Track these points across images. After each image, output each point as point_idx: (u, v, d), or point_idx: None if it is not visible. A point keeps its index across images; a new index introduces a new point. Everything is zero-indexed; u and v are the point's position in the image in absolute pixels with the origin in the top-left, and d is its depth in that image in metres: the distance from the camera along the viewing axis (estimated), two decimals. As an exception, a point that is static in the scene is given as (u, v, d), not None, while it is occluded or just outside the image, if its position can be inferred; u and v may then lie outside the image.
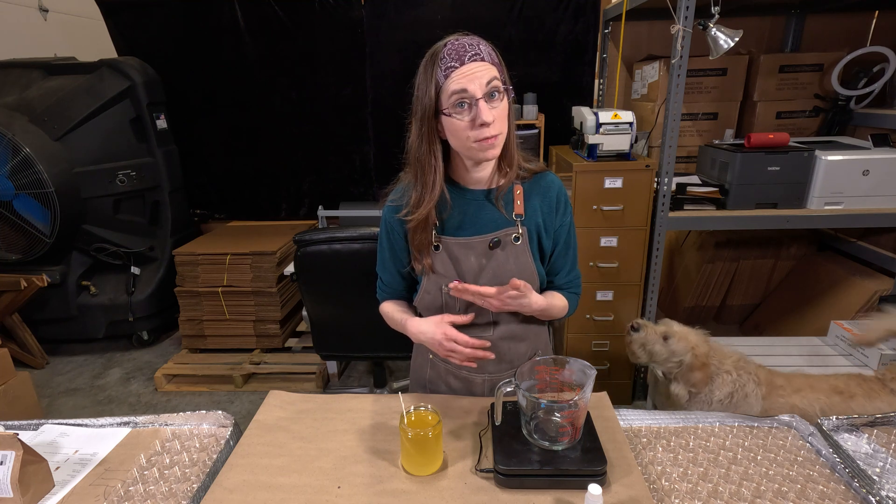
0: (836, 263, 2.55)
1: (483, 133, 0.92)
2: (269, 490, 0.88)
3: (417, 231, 1.03)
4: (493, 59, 0.94)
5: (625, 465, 0.90)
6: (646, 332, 1.68)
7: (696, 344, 1.61)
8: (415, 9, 2.93)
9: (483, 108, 0.90)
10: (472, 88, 0.90)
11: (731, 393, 1.57)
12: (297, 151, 3.30)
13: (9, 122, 2.61)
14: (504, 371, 1.14)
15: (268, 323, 2.89)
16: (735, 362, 1.62)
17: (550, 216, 1.08)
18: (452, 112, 0.92)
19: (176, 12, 3.04)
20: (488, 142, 0.93)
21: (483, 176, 1.05)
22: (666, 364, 1.65)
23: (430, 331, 1.03)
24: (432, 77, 0.92)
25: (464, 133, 0.93)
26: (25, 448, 0.86)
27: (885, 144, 2.11)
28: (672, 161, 2.03)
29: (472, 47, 0.91)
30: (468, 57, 0.90)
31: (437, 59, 0.92)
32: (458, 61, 0.90)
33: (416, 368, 1.24)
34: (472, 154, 0.97)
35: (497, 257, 1.04)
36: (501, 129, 0.95)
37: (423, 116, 0.95)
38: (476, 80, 0.90)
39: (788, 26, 2.71)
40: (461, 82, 0.90)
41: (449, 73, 0.90)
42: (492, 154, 0.96)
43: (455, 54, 0.90)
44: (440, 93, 0.92)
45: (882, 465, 0.91)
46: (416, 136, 0.98)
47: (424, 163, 0.98)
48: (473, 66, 0.90)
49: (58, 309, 3.00)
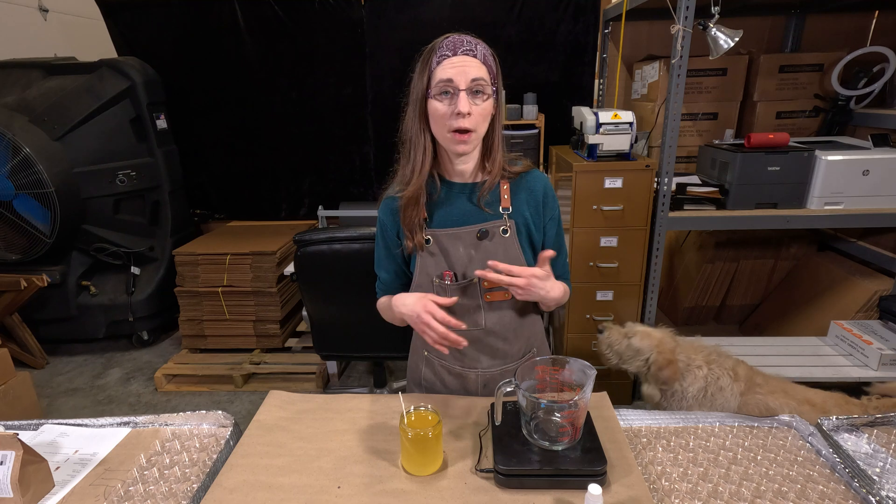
0: (836, 263, 2.55)
1: (458, 123, 0.96)
2: (269, 490, 0.88)
3: (409, 207, 1.05)
4: (486, 60, 0.98)
5: (625, 465, 0.90)
6: (610, 333, 1.70)
7: (661, 340, 1.62)
8: (415, 9, 2.93)
9: (463, 98, 0.95)
10: (457, 79, 0.95)
11: (705, 387, 1.58)
12: (297, 151, 3.30)
13: (9, 122, 2.61)
14: (497, 366, 1.14)
15: (268, 323, 2.89)
16: (706, 356, 1.62)
17: (537, 210, 1.10)
18: (437, 97, 0.97)
19: (176, 12, 3.03)
20: (461, 136, 0.97)
21: (465, 169, 1.08)
22: (633, 363, 1.66)
23: (411, 303, 1.02)
24: (427, 63, 0.98)
25: (442, 120, 0.98)
26: (25, 448, 0.86)
27: (885, 144, 2.11)
28: (672, 161, 2.03)
29: (469, 43, 0.97)
30: (461, 50, 0.96)
31: (435, 48, 0.98)
32: (452, 51, 0.96)
33: (412, 367, 1.25)
34: (447, 144, 1.02)
35: (486, 248, 1.06)
36: (477, 126, 0.98)
37: (415, 98, 1.01)
38: (463, 73, 0.95)
39: (788, 26, 2.71)
40: (448, 71, 0.95)
41: (441, 60, 0.96)
42: (462, 149, 1.00)
43: (451, 45, 0.97)
44: (431, 77, 0.98)
45: (882, 465, 0.91)
46: (409, 118, 1.04)
47: (415, 141, 1.03)
48: (464, 59, 0.95)
49: (58, 309, 3.00)
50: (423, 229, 1.06)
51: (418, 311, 0.99)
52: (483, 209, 1.07)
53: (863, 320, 2.20)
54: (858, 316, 2.30)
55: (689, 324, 2.96)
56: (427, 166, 1.04)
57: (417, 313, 0.99)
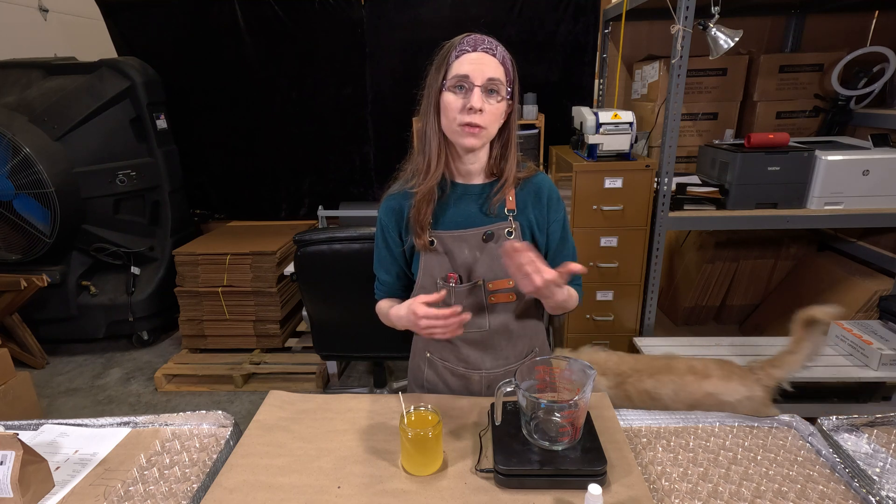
0: (836, 263, 2.55)
1: (469, 118, 0.96)
2: (269, 490, 0.88)
3: (423, 204, 1.04)
4: (505, 62, 0.98)
5: (625, 465, 0.90)
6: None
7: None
8: (415, 9, 2.92)
9: (476, 94, 0.95)
10: (473, 75, 0.95)
11: None
12: (297, 151, 3.30)
13: (9, 122, 2.61)
14: (501, 367, 1.14)
15: (268, 323, 2.89)
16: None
17: (542, 213, 1.09)
18: (451, 89, 0.97)
19: (176, 12, 3.03)
20: (471, 129, 0.97)
21: (473, 170, 1.07)
22: None
23: (404, 314, 1.03)
24: (445, 58, 0.98)
25: (453, 113, 0.97)
26: (25, 448, 0.86)
27: (885, 144, 2.11)
28: (672, 161, 2.03)
29: (489, 43, 0.98)
30: (481, 47, 0.96)
31: (455, 44, 0.98)
32: (472, 47, 0.96)
33: (414, 368, 1.25)
34: (454, 137, 1.01)
35: (491, 250, 1.05)
36: (489, 124, 0.98)
37: (430, 93, 1.01)
38: (480, 70, 0.95)
39: (788, 26, 2.71)
40: (466, 67, 0.95)
41: (460, 55, 0.97)
42: (470, 143, 0.99)
43: (472, 42, 0.97)
44: (448, 71, 0.98)
45: (882, 465, 0.91)
46: (423, 111, 1.03)
47: (430, 135, 1.03)
48: (483, 57, 0.96)
49: (58, 309, 3.00)
50: (428, 231, 1.06)
51: (414, 321, 1.00)
52: (488, 211, 1.07)
53: (863, 320, 2.20)
54: (858, 316, 2.30)
55: (688, 324, 2.95)
56: (443, 158, 1.04)
57: (414, 322, 1.00)
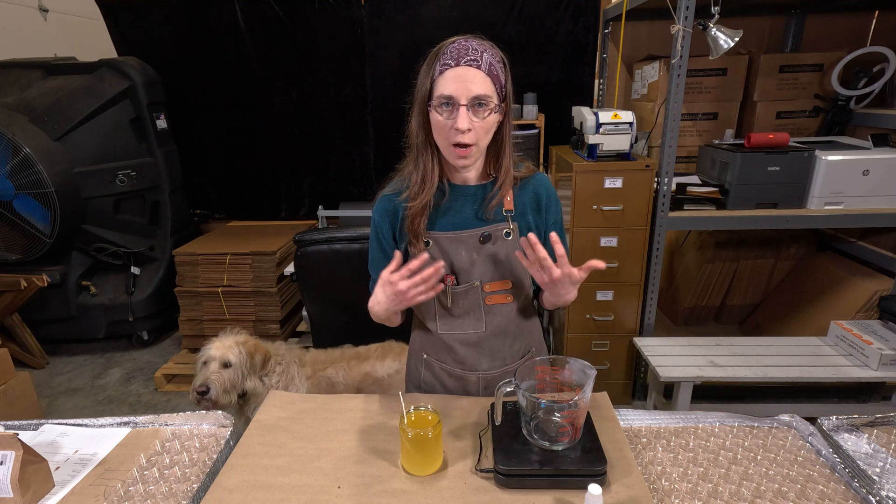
0: (836, 263, 2.55)
1: (458, 138, 0.93)
2: (269, 490, 0.88)
3: (416, 217, 1.03)
4: (492, 70, 0.93)
5: (625, 465, 0.90)
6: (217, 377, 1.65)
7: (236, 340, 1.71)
8: (415, 9, 2.92)
9: (462, 114, 0.91)
10: (457, 94, 0.91)
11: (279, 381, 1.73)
12: (297, 151, 3.30)
13: (9, 122, 2.61)
14: (497, 368, 1.14)
15: (268, 323, 2.89)
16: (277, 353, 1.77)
17: (539, 213, 1.09)
18: (437, 108, 0.94)
19: (176, 12, 3.04)
20: (460, 150, 0.95)
21: (469, 175, 1.07)
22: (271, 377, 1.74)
23: (380, 294, 1.00)
24: (430, 70, 0.95)
25: (442, 132, 0.95)
26: (25, 448, 0.86)
27: (885, 144, 2.11)
28: (672, 161, 2.03)
29: (474, 52, 0.92)
30: (465, 60, 0.91)
31: (440, 53, 0.94)
32: (455, 61, 0.92)
33: (411, 370, 1.24)
34: (447, 156, 1.00)
35: (488, 251, 1.05)
36: (478, 140, 0.96)
37: (419, 103, 0.98)
38: (464, 88, 0.91)
39: (788, 26, 2.71)
40: (450, 86, 0.91)
41: (444, 70, 0.92)
42: (462, 163, 0.98)
43: (455, 53, 0.92)
44: (433, 88, 0.94)
45: (882, 465, 0.91)
46: (414, 123, 1.01)
47: (422, 150, 1.01)
48: (467, 72, 0.91)
49: (58, 309, 3.00)
50: (424, 232, 1.05)
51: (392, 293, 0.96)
52: (485, 213, 1.06)
53: (863, 320, 2.20)
54: (858, 316, 2.30)
55: (689, 324, 2.95)
56: (437, 176, 1.02)
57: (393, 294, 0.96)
